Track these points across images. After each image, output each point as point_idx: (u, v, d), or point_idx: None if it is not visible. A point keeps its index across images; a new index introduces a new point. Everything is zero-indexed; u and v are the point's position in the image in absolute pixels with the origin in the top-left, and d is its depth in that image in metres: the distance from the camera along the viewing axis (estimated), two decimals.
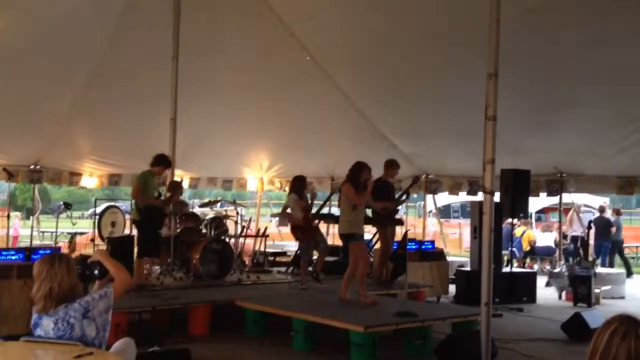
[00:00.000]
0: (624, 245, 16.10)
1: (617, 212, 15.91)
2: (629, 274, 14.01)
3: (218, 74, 10.59)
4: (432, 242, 11.33)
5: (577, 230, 14.71)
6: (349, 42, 9.75)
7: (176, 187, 9.66)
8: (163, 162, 8.69)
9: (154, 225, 8.58)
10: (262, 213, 17.25)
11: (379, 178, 9.75)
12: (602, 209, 15.21)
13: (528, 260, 16.14)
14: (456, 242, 20.21)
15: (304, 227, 9.35)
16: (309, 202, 9.68)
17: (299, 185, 9.56)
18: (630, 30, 7.37)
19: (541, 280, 11.70)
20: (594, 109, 9.17)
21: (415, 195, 14.51)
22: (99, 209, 12.19)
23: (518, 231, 15.89)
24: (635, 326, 2.31)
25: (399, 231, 9.96)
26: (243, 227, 10.88)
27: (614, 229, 14.85)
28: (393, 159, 9.87)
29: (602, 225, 14.60)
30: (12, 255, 7.40)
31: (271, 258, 11.78)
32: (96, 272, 3.72)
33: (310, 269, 9.53)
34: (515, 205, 10.37)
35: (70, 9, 8.79)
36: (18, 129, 10.71)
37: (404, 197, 10.00)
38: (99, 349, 3.47)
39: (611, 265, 14.62)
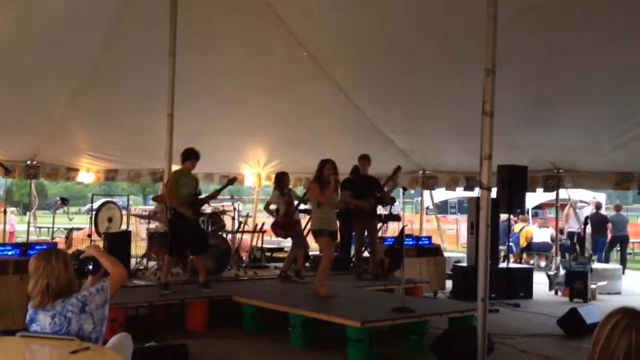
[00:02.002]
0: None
1: (617, 209, 15.95)
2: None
3: (215, 70, 10.57)
4: (429, 238, 11.35)
5: (574, 226, 14.75)
6: (347, 39, 9.73)
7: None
8: (190, 156, 8.37)
9: (182, 224, 8.21)
10: (260, 209, 17.23)
11: (356, 172, 9.82)
12: (598, 206, 15.25)
13: (525, 255, 16.19)
14: (453, 237, 20.25)
15: (284, 224, 9.40)
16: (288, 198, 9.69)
17: (279, 181, 9.70)
18: (626, 29, 7.37)
19: (537, 276, 11.73)
20: (591, 106, 9.18)
21: (412, 191, 14.51)
22: (95, 205, 12.15)
23: (517, 227, 15.93)
24: (638, 319, 2.31)
25: (396, 227, 9.98)
26: (240, 223, 10.88)
27: (610, 225, 14.90)
28: (363, 153, 9.92)
29: (598, 222, 14.64)
30: (9, 250, 7.41)
31: (268, 254, 11.80)
32: (90, 267, 3.72)
33: (307, 264, 9.57)
34: (512, 201, 10.38)
35: (68, 5, 8.76)
36: (15, 124, 10.68)
37: (388, 189, 10.03)
38: (95, 344, 3.47)
39: (622, 262, 14.70)
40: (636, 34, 7.37)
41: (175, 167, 10.23)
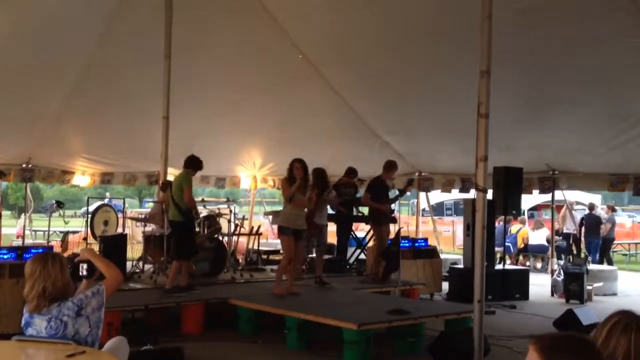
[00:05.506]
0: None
1: (612, 209, 15.97)
2: None
3: (210, 72, 10.56)
4: (426, 240, 11.35)
5: (570, 228, 14.79)
6: (341, 40, 9.74)
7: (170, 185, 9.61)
8: (192, 165, 8.29)
9: (192, 228, 8.44)
10: (256, 211, 17.23)
11: (377, 177, 9.73)
12: (591, 207, 15.30)
13: (521, 257, 16.20)
14: (449, 239, 20.24)
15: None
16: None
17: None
18: (621, 30, 7.39)
19: (534, 278, 11.74)
20: (586, 107, 9.20)
21: (408, 193, 14.51)
22: (91, 208, 12.12)
23: (514, 228, 15.94)
24: (637, 321, 2.32)
25: (392, 229, 9.97)
26: (236, 225, 10.86)
27: (603, 226, 14.93)
28: (393, 161, 9.87)
29: (592, 223, 14.68)
30: (4, 254, 7.37)
31: (264, 256, 11.77)
32: (84, 271, 3.69)
33: (303, 267, 9.52)
34: (507, 203, 10.39)
35: (62, 7, 8.74)
36: (10, 127, 10.64)
37: (397, 194, 10.04)
38: (92, 347, 3.46)
39: (609, 262, 14.71)
40: (631, 35, 7.39)
41: (171, 170, 10.22)
